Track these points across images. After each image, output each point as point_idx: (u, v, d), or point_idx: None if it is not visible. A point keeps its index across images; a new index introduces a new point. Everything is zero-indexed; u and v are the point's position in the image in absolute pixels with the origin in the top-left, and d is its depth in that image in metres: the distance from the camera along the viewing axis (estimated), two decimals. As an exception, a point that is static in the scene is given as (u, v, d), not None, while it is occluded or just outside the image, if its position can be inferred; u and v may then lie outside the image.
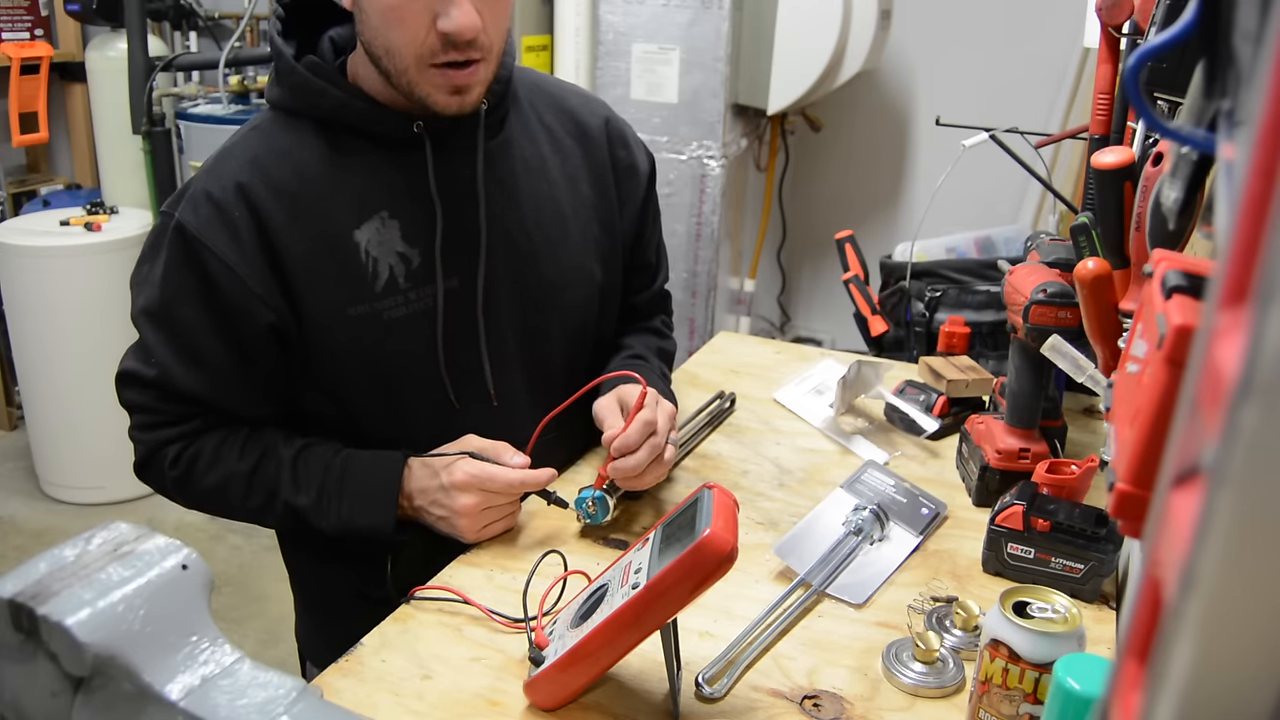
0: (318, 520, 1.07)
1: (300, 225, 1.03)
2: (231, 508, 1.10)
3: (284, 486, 1.07)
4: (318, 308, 1.04)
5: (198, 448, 1.08)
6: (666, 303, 1.41)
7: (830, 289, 3.59)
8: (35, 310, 2.90)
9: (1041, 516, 1.01)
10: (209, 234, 1.01)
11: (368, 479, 1.07)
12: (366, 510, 1.06)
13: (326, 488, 1.07)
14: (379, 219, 1.06)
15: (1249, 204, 0.26)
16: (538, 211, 1.15)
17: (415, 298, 1.08)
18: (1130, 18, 0.91)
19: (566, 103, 1.22)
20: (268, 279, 1.02)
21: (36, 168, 3.77)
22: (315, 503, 1.07)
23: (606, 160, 1.22)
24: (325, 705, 0.51)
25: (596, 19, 2.69)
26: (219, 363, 1.05)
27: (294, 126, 1.06)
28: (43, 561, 0.51)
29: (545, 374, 1.19)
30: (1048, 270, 1.14)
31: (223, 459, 1.08)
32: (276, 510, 1.08)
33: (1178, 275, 0.42)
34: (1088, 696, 0.65)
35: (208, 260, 1.01)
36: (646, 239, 1.30)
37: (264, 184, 1.03)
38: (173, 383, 1.05)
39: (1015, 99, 3.04)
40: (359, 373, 1.09)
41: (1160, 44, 0.47)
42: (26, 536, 2.90)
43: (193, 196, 1.03)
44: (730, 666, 0.90)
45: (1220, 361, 0.26)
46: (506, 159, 1.13)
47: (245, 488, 1.08)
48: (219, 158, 1.07)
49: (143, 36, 2.80)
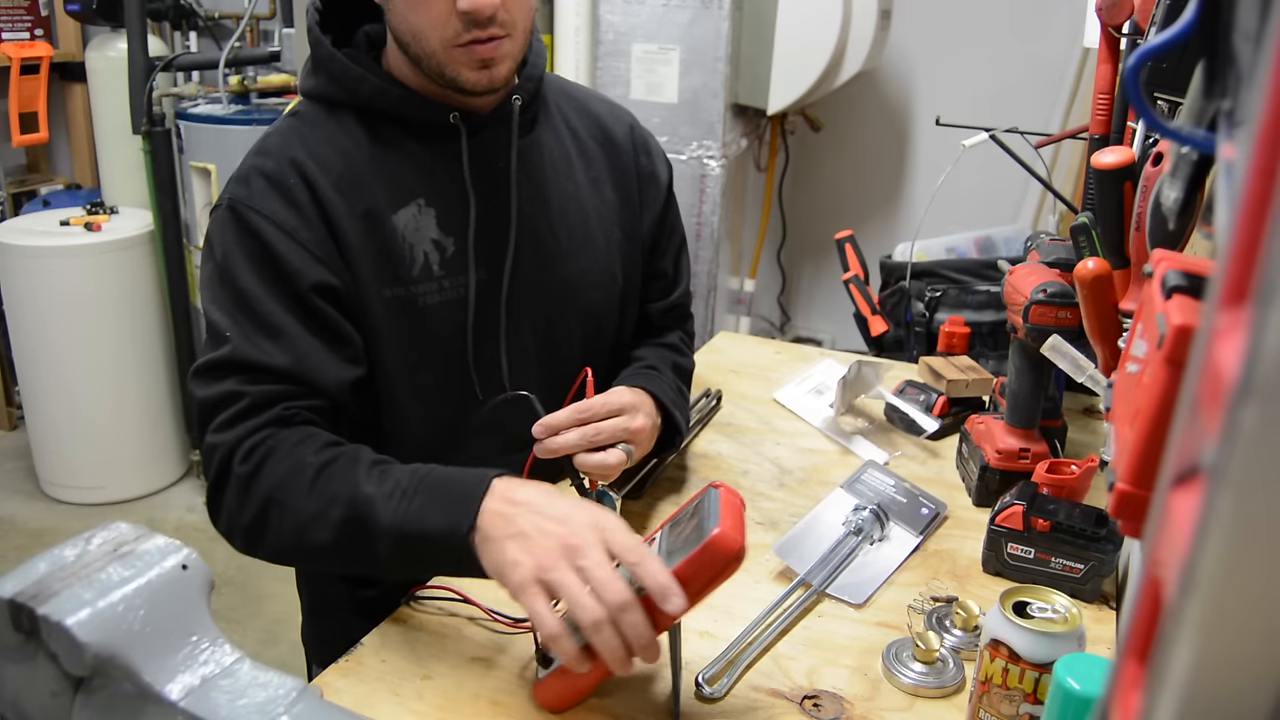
0: (381, 512, 0.90)
1: (348, 201, 1.04)
2: (285, 515, 0.94)
3: (353, 481, 0.92)
4: (360, 284, 1.05)
5: (276, 440, 0.97)
6: (686, 320, 1.36)
7: (830, 289, 3.59)
8: (35, 310, 2.90)
9: (1041, 516, 1.01)
10: (263, 203, 1.01)
11: (452, 481, 0.91)
12: (440, 507, 0.89)
13: (404, 484, 0.92)
14: (415, 205, 1.07)
15: (1249, 204, 0.26)
16: (563, 211, 1.16)
17: (449, 285, 1.08)
18: (1130, 18, 0.91)
19: (592, 108, 1.24)
20: (327, 242, 1.02)
21: (36, 168, 3.77)
22: (388, 495, 0.91)
23: (631, 166, 1.24)
24: (325, 705, 0.51)
25: (596, 19, 2.69)
26: (292, 329, 1.00)
27: (334, 115, 1.08)
28: (43, 561, 0.51)
29: (561, 374, 1.18)
30: (1048, 270, 1.14)
31: (297, 451, 0.96)
32: (333, 514, 0.92)
33: (1178, 275, 0.42)
34: (1088, 696, 0.65)
35: (262, 228, 1.00)
36: (663, 248, 1.30)
37: (314, 161, 1.04)
38: (250, 361, 0.99)
39: (1015, 99, 3.03)
40: (389, 358, 1.08)
41: (1160, 44, 0.47)
42: (26, 536, 2.90)
43: (241, 178, 1.04)
44: (730, 666, 0.90)
45: (1220, 361, 0.26)
46: (536, 157, 1.14)
47: (309, 483, 0.93)
48: (263, 142, 1.07)
49: (143, 36, 2.80)
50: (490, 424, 1.13)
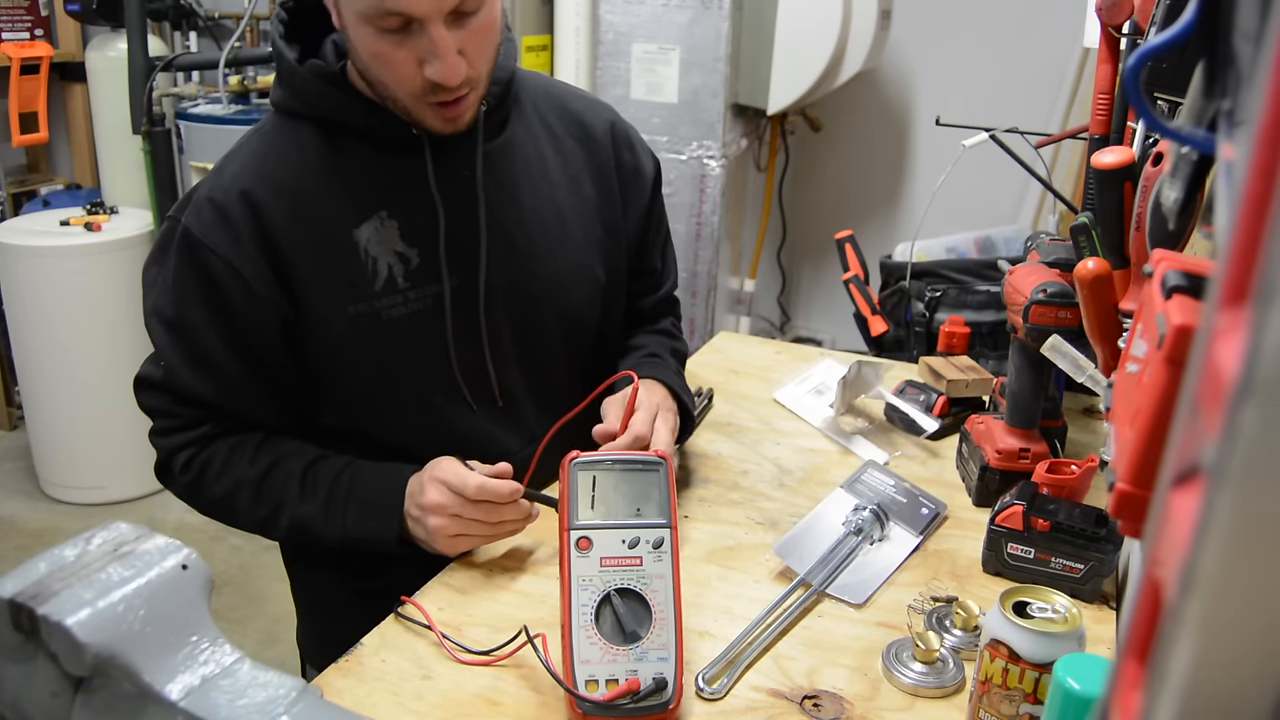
0: (322, 529, 1.07)
1: (302, 224, 1.04)
2: (238, 517, 1.10)
3: (291, 497, 1.07)
4: (320, 305, 1.05)
5: (210, 454, 1.09)
6: (675, 307, 1.40)
7: (830, 289, 3.59)
8: (35, 310, 2.90)
9: (1041, 516, 1.01)
10: (212, 236, 1.03)
11: (374, 488, 1.07)
12: (371, 519, 1.05)
13: (334, 496, 1.07)
14: (378, 219, 1.06)
15: (1249, 204, 0.26)
16: (538, 212, 1.15)
17: (414, 298, 1.08)
18: (1130, 18, 0.91)
19: (571, 105, 1.23)
20: (269, 278, 1.03)
21: (36, 168, 3.77)
22: (322, 511, 1.06)
23: (610, 161, 1.22)
24: (325, 705, 0.51)
25: (596, 19, 2.69)
26: (226, 366, 1.06)
27: (295, 128, 1.07)
28: (43, 561, 0.51)
29: (545, 373, 1.19)
30: (1048, 270, 1.14)
31: (233, 466, 1.08)
32: (282, 524, 1.08)
33: (1178, 275, 0.42)
34: (1088, 696, 0.65)
35: (210, 262, 1.02)
36: (651, 242, 1.30)
37: (266, 185, 1.04)
38: (181, 386, 1.07)
39: (1015, 99, 3.03)
40: (362, 374, 1.09)
41: (1160, 44, 0.47)
42: (26, 536, 2.90)
43: (197, 202, 1.05)
44: (730, 666, 0.90)
45: (1220, 361, 0.26)
46: (507, 159, 1.13)
47: (253, 496, 1.08)
48: (224, 162, 1.08)
49: (143, 36, 2.80)
50: (486, 433, 1.13)
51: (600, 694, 0.80)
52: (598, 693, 0.80)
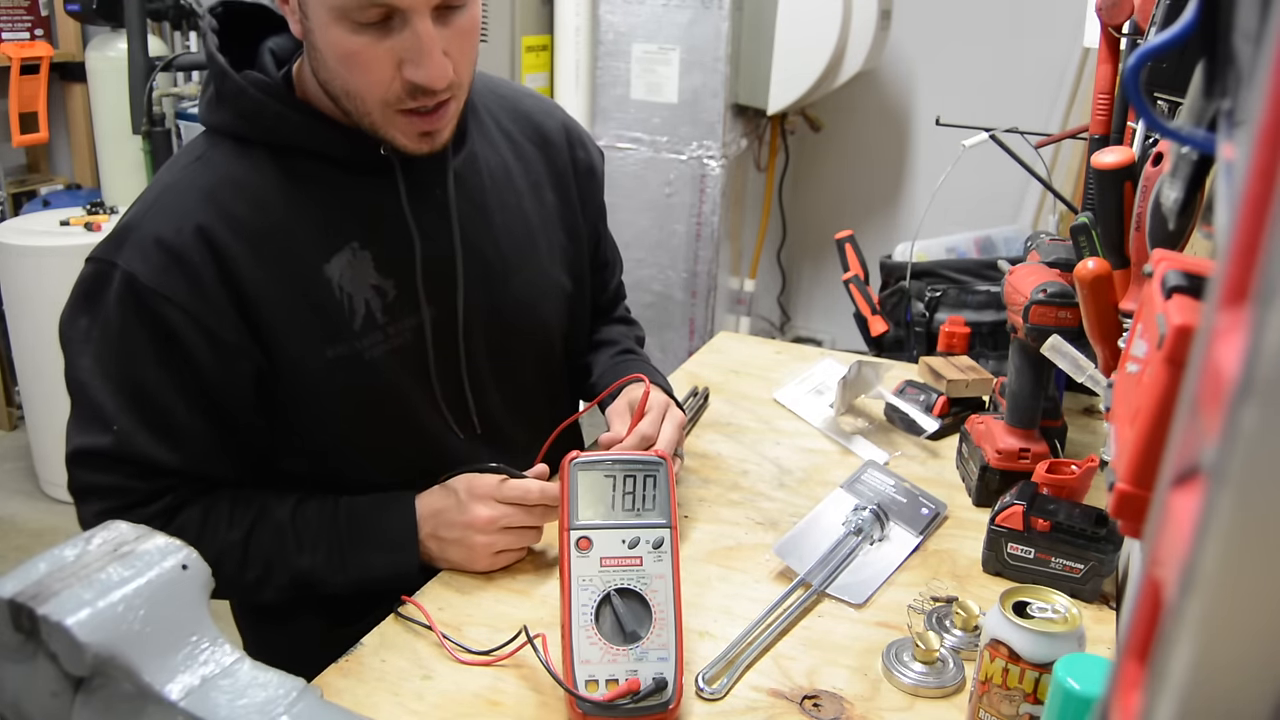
0: (331, 576, 0.99)
1: (268, 266, 0.94)
2: (222, 585, 0.96)
3: (285, 551, 0.99)
4: (295, 353, 0.96)
5: (179, 525, 0.97)
6: (622, 289, 1.40)
7: (830, 289, 3.59)
8: (35, 310, 2.90)
9: (1041, 516, 1.01)
10: (166, 283, 0.91)
11: (381, 524, 1.00)
12: (387, 556, 0.99)
13: (336, 541, 0.99)
14: (349, 250, 0.98)
15: (1249, 204, 0.26)
16: (506, 226, 1.11)
17: (394, 333, 1.01)
18: (1130, 18, 0.91)
19: (522, 105, 1.18)
20: (239, 326, 0.93)
21: (36, 168, 3.77)
22: (326, 559, 0.99)
23: (568, 165, 1.20)
24: (325, 705, 0.51)
25: (596, 19, 2.69)
26: (191, 428, 0.95)
27: (245, 154, 0.96)
28: (43, 561, 0.51)
29: (520, 391, 1.16)
30: (1048, 270, 1.14)
31: (210, 533, 0.97)
32: (278, 580, 0.99)
33: (1178, 275, 0.42)
34: (1088, 696, 0.65)
35: (166, 313, 0.91)
36: (601, 233, 1.29)
37: (224, 222, 0.93)
38: (139, 456, 0.94)
39: (1015, 99, 3.04)
40: (341, 419, 1.01)
41: (1160, 44, 0.47)
42: (26, 536, 2.90)
43: (138, 243, 0.92)
44: (730, 666, 0.90)
45: (1220, 361, 0.26)
46: (473, 173, 1.07)
47: (240, 561, 0.98)
48: (162, 195, 0.95)
49: (143, 36, 2.80)
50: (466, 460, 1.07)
51: (600, 694, 0.80)
52: (598, 693, 0.80)
